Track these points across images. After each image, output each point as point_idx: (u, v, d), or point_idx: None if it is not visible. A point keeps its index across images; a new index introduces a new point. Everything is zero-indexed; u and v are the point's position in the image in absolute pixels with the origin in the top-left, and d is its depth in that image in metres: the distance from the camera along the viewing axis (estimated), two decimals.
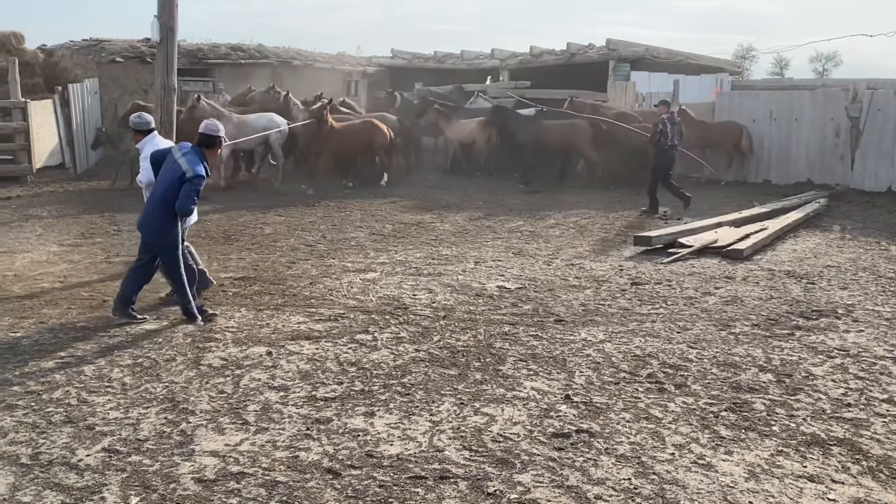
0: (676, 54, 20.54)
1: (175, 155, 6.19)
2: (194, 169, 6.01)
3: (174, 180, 6.03)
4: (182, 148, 6.28)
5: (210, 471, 3.81)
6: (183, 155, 6.13)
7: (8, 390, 4.82)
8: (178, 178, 6.01)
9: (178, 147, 6.36)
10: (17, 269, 8.14)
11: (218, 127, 6.35)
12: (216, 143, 6.27)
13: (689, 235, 9.87)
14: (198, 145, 6.23)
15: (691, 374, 5.29)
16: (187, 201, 6.01)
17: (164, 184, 6.12)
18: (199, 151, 6.19)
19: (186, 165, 6.03)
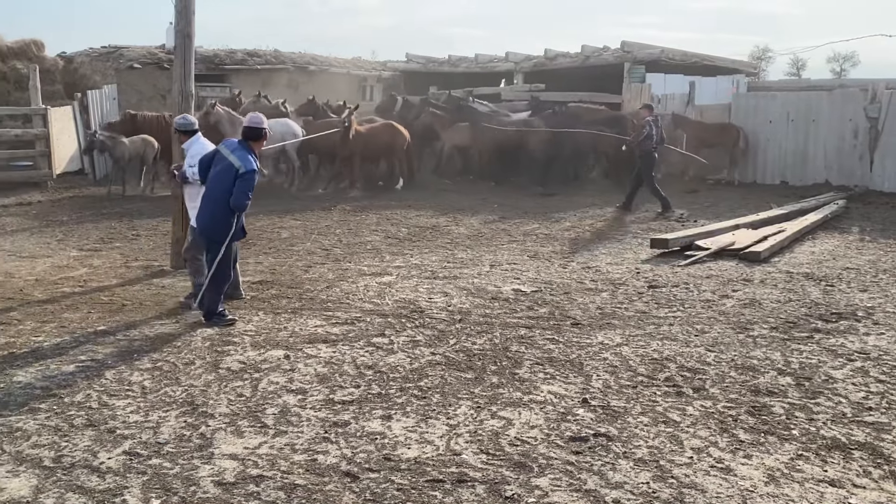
0: (692, 56, 20.43)
1: (224, 153, 6.29)
2: (246, 164, 6.13)
3: (228, 177, 6.12)
4: (229, 145, 6.38)
5: (229, 474, 3.84)
6: (232, 152, 6.23)
7: (30, 393, 4.88)
8: (231, 174, 6.11)
9: (224, 144, 6.46)
10: (39, 274, 8.24)
11: (262, 119, 6.49)
12: (262, 135, 6.39)
13: (706, 238, 9.82)
14: (243, 139, 6.34)
15: (709, 378, 5.26)
16: (242, 196, 6.12)
17: (218, 182, 6.21)
18: (246, 146, 6.29)
19: (238, 162, 6.13)
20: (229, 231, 6.25)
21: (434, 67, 23.84)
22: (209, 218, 6.29)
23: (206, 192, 6.36)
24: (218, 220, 6.24)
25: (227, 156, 6.23)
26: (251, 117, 6.52)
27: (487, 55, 22.69)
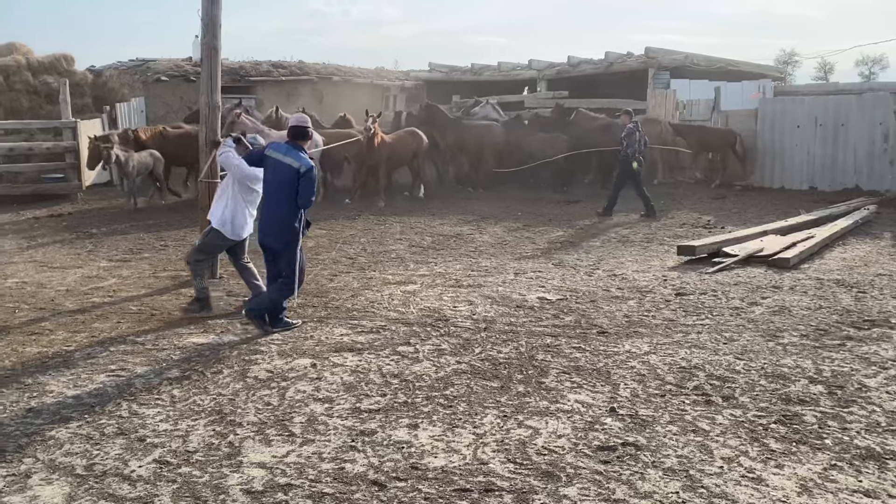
0: (717, 61, 20.29)
1: (275, 156, 6.37)
2: (304, 163, 6.25)
3: (287, 179, 6.22)
4: (279, 148, 6.48)
5: (258, 482, 3.86)
6: (285, 154, 6.33)
7: (62, 402, 4.95)
8: (290, 175, 6.20)
9: (273, 148, 6.54)
10: (69, 285, 8.37)
11: (307, 119, 6.65)
12: (308, 134, 6.56)
13: (733, 244, 9.71)
14: (291, 139, 6.45)
15: (739, 386, 5.20)
16: (308, 193, 6.24)
17: (275, 186, 6.30)
18: (296, 146, 6.40)
19: (297, 162, 6.24)
20: (299, 229, 6.39)
21: (457, 76, 23.91)
22: (277, 222, 6.36)
23: (267, 197, 6.42)
24: (286, 222, 6.34)
25: (282, 158, 6.32)
26: (297, 118, 6.68)
27: (510, 63, 22.71)
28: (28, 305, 7.48)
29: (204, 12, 7.96)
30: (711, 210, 13.66)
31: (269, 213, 6.43)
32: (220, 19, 8.06)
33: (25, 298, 7.75)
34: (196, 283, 7.11)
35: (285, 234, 6.37)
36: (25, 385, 5.27)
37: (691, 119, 18.01)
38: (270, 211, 6.42)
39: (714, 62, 20.15)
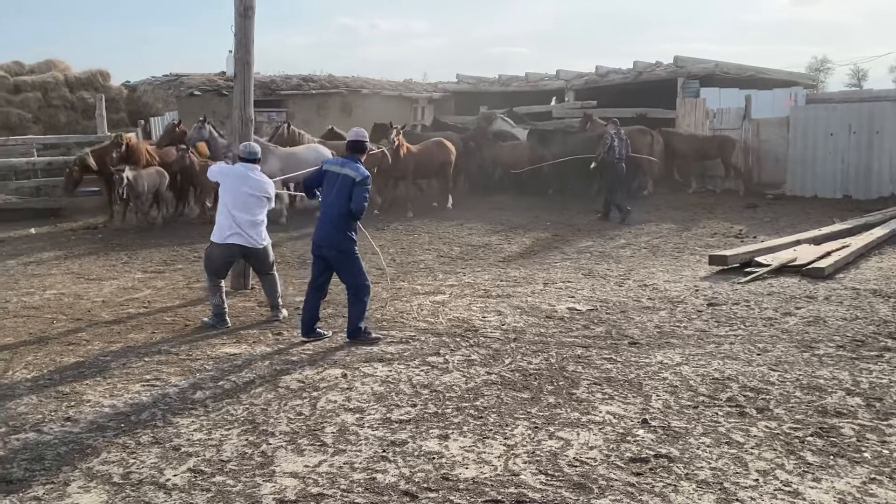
0: (747, 69, 20.08)
1: (334, 170, 6.53)
2: (361, 172, 6.39)
3: (344, 191, 6.37)
4: (336, 163, 6.67)
5: (290, 492, 3.89)
6: (343, 166, 6.49)
7: (99, 412, 5.04)
8: (348, 186, 6.36)
9: (331, 163, 6.72)
10: (105, 296, 8.53)
11: (364, 133, 6.83)
12: (365, 148, 6.77)
13: (766, 254, 9.59)
14: (350, 152, 6.61)
15: (773, 398, 5.12)
16: (360, 200, 6.37)
17: (332, 198, 6.44)
18: (354, 159, 6.55)
19: (353, 172, 6.39)
20: (354, 237, 6.53)
21: (485, 87, 23.96)
22: (331, 232, 6.48)
23: (326, 210, 6.52)
24: (340, 232, 6.47)
25: (339, 171, 6.48)
26: (355, 132, 6.83)
27: (538, 73, 22.71)
28: (65, 316, 7.63)
29: (237, 27, 8.10)
30: (743, 219, 13.52)
31: (325, 225, 6.53)
32: (253, 34, 8.20)
33: (63, 309, 7.91)
34: (210, 300, 7.28)
35: (339, 244, 6.48)
36: (63, 394, 5.37)
37: (721, 128, 17.85)
38: (326, 222, 6.52)
39: (744, 70, 19.95)
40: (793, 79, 21.72)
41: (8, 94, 19.10)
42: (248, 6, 8.08)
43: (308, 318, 6.70)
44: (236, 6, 8.08)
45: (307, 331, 6.68)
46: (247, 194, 7.14)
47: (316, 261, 6.72)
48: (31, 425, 4.82)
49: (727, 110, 17.88)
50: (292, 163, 13.42)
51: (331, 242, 6.52)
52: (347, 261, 6.54)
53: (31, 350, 6.48)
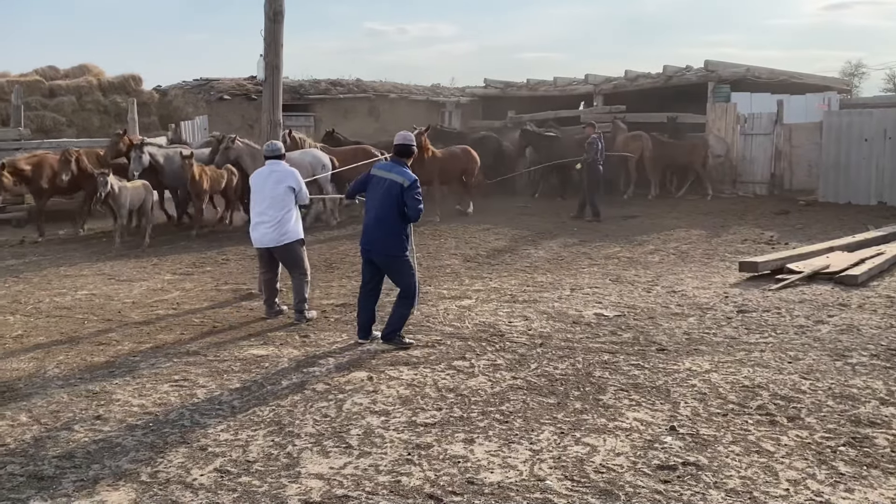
0: (779, 74, 19.83)
1: (381, 174, 6.53)
2: (408, 177, 6.38)
3: (392, 195, 6.36)
4: (384, 167, 6.65)
5: (316, 493, 3.90)
6: (390, 171, 6.49)
7: (128, 411, 5.10)
8: (396, 191, 6.35)
9: (379, 167, 6.70)
10: (135, 297, 8.64)
11: (411, 137, 6.83)
12: (412, 151, 6.74)
13: (798, 261, 9.44)
14: (396, 156, 6.62)
15: (805, 407, 5.03)
16: (415, 206, 6.36)
17: (381, 202, 6.43)
18: (400, 162, 6.56)
19: (401, 178, 6.38)
20: (405, 242, 6.52)
21: (512, 92, 23.93)
22: (381, 236, 6.48)
23: (374, 214, 6.52)
24: (390, 236, 6.47)
25: (386, 175, 6.47)
26: (402, 135, 6.81)
27: (566, 78, 22.62)
28: (96, 317, 7.74)
29: (266, 31, 8.17)
30: (774, 226, 13.33)
31: (373, 228, 6.52)
32: (282, 38, 8.26)
33: (94, 310, 8.03)
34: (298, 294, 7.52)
35: (390, 248, 6.47)
36: (93, 393, 5.45)
37: (752, 132, 17.65)
38: (374, 225, 6.51)
39: (776, 75, 19.71)
40: (826, 83, 21.42)
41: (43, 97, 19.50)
42: (277, 10, 8.15)
43: (363, 321, 6.72)
44: (266, 10, 8.16)
45: (364, 333, 6.70)
46: (275, 189, 7.31)
47: (365, 264, 6.73)
48: (62, 423, 4.89)
49: (758, 115, 17.67)
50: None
51: (380, 246, 6.50)
52: (397, 265, 6.53)
53: (63, 349, 6.59)
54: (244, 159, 12.94)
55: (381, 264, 6.58)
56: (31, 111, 18.03)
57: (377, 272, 6.68)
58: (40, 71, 20.22)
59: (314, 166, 13.26)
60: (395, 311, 6.60)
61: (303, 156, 13.59)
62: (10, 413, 5.08)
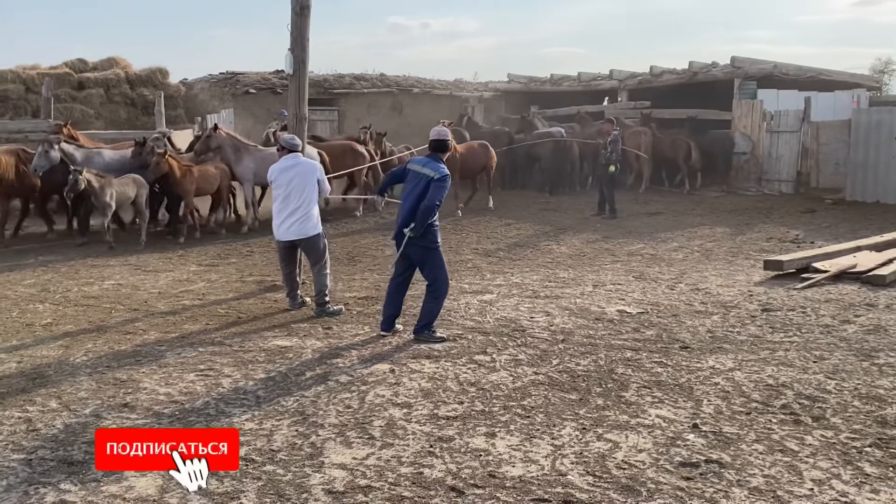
0: (807, 70, 19.56)
1: (416, 168, 6.56)
2: (440, 171, 6.40)
3: (423, 189, 6.39)
4: (418, 161, 6.67)
5: (339, 483, 3.94)
6: (424, 165, 6.51)
7: (155, 399, 5.18)
8: (427, 185, 6.38)
9: (414, 162, 6.73)
10: (161, 287, 8.75)
11: (447, 132, 6.82)
12: (447, 146, 6.73)
13: (824, 260, 9.33)
14: (432, 152, 6.61)
15: (830, 407, 4.99)
16: (434, 197, 6.34)
17: (412, 196, 6.47)
18: (435, 157, 6.57)
19: (432, 171, 6.41)
20: (436, 233, 6.53)
21: (536, 87, 23.85)
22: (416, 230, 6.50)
23: (408, 207, 6.54)
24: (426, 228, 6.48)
25: (420, 170, 6.49)
26: (437, 130, 6.80)
27: (591, 73, 22.50)
28: (123, 306, 7.86)
29: (293, 26, 8.21)
30: (800, 224, 13.18)
31: (404, 221, 6.53)
32: (308, 33, 8.30)
33: (121, 300, 8.15)
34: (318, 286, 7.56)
35: (424, 240, 6.47)
36: (121, 381, 5.54)
37: (779, 129, 17.44)
38: (406, 218, 6.52)
39: (804, 71, 19.44)
40: (855, 80, 21.11)
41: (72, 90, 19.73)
42: (304, 5, 8.18)
43: (389, 313, 6.75)
44: (293, 5, 8.19)
45: (387, 326, 6.73)
46: (297, 182, 7.37)
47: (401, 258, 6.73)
48: (91, 410, 4.98)
49: (785, 112, 17.46)
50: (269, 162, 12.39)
51: (413, 238, 6.47)
52: (428, 255, 6.53)
53: (91, 338, 6.70)
54: (226, 151, 12.56)
55: (413, 255, 6.58)
56: (60, 103, 18.25)
57: (409, 266, 6.69)
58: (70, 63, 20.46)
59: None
60: (425, 306, 6.62)
61: None
62: (41, 399, 5.18)
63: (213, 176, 12.30)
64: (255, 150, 12.91)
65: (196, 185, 11.97)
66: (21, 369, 5.85)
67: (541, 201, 16.44)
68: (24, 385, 5.47)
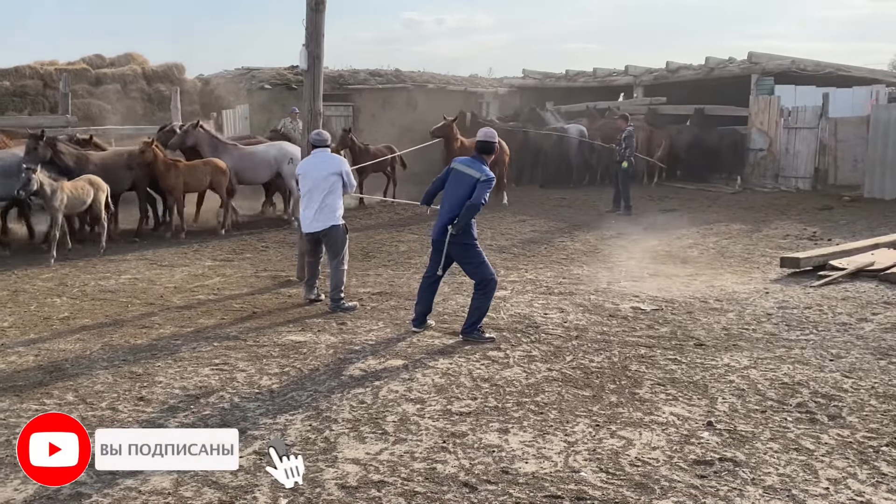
0: (825, 66, 19.36)
1: (460, 169, 6.56)
2: (485, 173, 6.41)
3: (467, 189, 6.39)
4: (463, 162, 6.67)
5: (352, 478, 3.96)
6: (469, 166, 6.52)
7: (170, 393, 5.22)
8: (471, 185, 6.38)
9: (458, 162, 6.73)
10: (177, 282, 8.81)
11: (494, 133, 6.81)
12: (493, 148, 6.72)
13: (841, 257, 9.25)
14: (478, 152, 6.62)
15: (846, 406, 4.95)
16: (479, 196, 6.35)
17: (455, 196, 6.47)
18: (480, 159, 6.57)
19: (477, 173, 6.42)
20: (473, 231, 6.53)
21: (551, 83, 23.78)
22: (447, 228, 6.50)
23: (445, 204, 6.56)
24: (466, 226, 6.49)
25: (465, 170, 6.49)
26: (486, 132, 6.80)
27: (606, 69, 22.40)
28: (139, 301, 7.92)
29: (308, 21, 8.23)
30: (817, 221, 13.07)
31: (442, 217, 6.53)
32: (324, 28, 8.31)
33: (137, 294, 8.21)
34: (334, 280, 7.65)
35: (464, 237, 6.46)
36: (136, 375, 5.58)
37: (796, 126, 17.29)
38: (444, 214, 6.53)
39: (822, 67, 19.25)
40: (874, 76, 20.85)
41: (90, 85, 19.88)
42: (319, 0, 8.20)
43: (421, 310, 6.77)
44: (308, 1, 8.21)
45: (418, 322, 6.75)
46: (323, 176, 7.48)
47: (434, 254, 6.72)
48: (107, 403, 5.02)
49: (803, 108, 17.32)
50: (247, 161, 12.63)
51: (454, 238, 6.47)
52: (467, 253, 6.53)
53: (107, 332, 6.76)
54: (203, 148, 12.44)
55: (452, 253, 6.57)
56: (77, 99, 18.39)
57: (446, 265, 6.64)
58: (87, 59, 20.61)
59: (279, 160, 12.74)
60: (473, 303, 6.57)
61: (268, 149, 13.11)
62: (58, 392, 5.23)
63: (202, 172, 11.71)
64: (235, 148, 12.82)
65: (183, 180, 11.52)
66: (39, 363, 5.91)
67: (555, 197, 16.40)
68: (42, 378, 5.53)
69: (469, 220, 6.40)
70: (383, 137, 17.86)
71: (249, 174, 12.80)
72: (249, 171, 12.71)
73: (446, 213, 6.50)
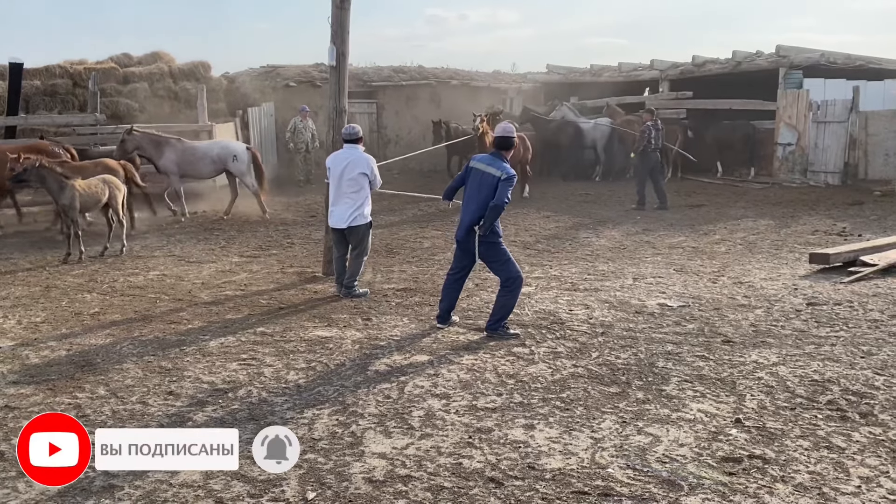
0: (856, 59, 19.00)
1: (480, 167, 6.53)
2: (506, 171, 6.40)
3: (488, 187, 6.38)
4: (482, 160, 6.64)
5: (379, 472, 3.98)
6: (489, 164, 6.49)
7: (198, 387, 5.29)
8: (493, 183, 6.37)
9: (477, 160, 6.71)
10: (205, 278, 8.91)
11: (512, 129, 6.80)
12: (511, 144, 6.69)
13: (872, 253, 9.09)
14: (496, 149, 6.60)
15: (878, 403, 4.87)
16: (503, 195, 6.33)
17: (478, 194, 6.47)
18: (499, 155, 6.56)
19: (498, 171, 6.40)
20: (498, 229, 6.52)
21: (575, 78, 23.62)
22: (471, 226, 6.47)
23: (467, 203, 6.56)
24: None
25: (485, 168, 6.46)
26: (504, 127, 6.78)
27: (631, 63, 22.20)
28: (168, 296, 8.02)
29: (333, 18, 8.26)
30: (847, 217, 12.86)
31: (466, 218, 6.52)
32: (349, 25, 8.34)
33: (165, 290, 8.31)
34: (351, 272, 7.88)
35: (484, 237, 6.44)
36: (166, 370, 5.66)
37: (825, 120, 17.02)
38: (467, 215, 6.51)
39: (853, 60, 18.89)
40: None
41: (118, 84, 20.10)
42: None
43: (445, 307, 6.78)
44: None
45: (443, 319, 6.77)
46: (350, 173, 7.62)
47: (458, 252, 6.73)
48: (137, 397, 5.10)
49: (832, 102, 17.03)
50: (189, 157, 13.02)
51: (470, 237, 6.47)
52: (492, 250, 6.51)
53: (137, 327, 6.85)
54: (145, 149, 12.77)
55: (480, 253, 6.53)
56: (106, 97, 18.61)
57: (469, 261, 6.64)
58: (115, 58, 20.83)
59: (223, 158, 13.03)
60: (499, 300, 6.56)
61: (211, 146, 13.42)
62: (90, 386, 5.32)
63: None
64: (178, 142, 13.19)
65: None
66: (70, 357, 6.02)
67: (580, 193, 16.32)
68: (74, 372, 5.62)
69: (494, 221, 6.38)
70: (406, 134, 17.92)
71: (190, 168, 13.23)
72: (190, 165, 13.14)
73: (470, 213, 6.47)
